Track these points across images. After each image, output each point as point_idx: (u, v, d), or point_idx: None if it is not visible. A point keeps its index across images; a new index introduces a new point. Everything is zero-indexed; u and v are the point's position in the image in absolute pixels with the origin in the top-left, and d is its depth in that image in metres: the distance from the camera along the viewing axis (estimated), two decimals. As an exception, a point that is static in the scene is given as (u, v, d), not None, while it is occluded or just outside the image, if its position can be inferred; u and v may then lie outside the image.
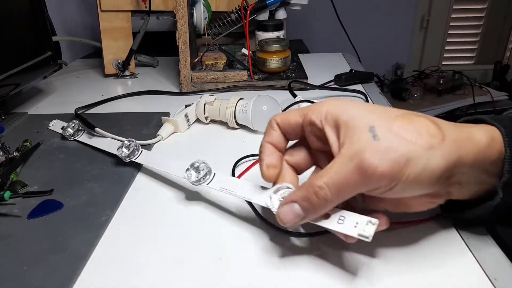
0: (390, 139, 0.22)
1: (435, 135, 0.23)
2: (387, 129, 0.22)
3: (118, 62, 0.67)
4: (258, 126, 0.45)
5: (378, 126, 0.23)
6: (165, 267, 0.27)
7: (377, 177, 0.21)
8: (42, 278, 0.25)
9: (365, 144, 0.22)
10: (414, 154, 0.22)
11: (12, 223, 0.31)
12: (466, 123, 0.26)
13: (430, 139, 0.22)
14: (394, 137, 0.22)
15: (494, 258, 0.26)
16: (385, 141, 0.22)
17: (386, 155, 0.21)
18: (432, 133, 0.23)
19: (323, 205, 0.23)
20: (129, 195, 0.35)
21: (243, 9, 0.64)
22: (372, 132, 0.22)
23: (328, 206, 0.23)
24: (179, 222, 0.31)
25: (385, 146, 0.22)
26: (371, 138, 0.22)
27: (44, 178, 0.37)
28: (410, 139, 0.22)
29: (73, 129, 0.44)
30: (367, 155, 0.22)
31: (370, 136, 0.22)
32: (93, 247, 0.28)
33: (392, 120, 0.23)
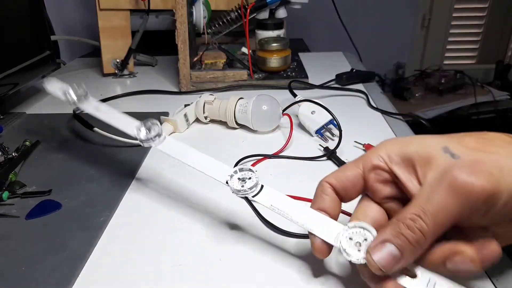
0: (471, 154, 0.20)
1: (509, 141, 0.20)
2: (462, 145, 0.20)
3: (117, 61, 0.67)
4: (258, 126, 0.45)
5: (451, 145, 0.21)
6: (164, 267, 0.26)
7: (476, 194, 0.19)
8: (41, 279, 0.25)
9: (447, 164, 0.20)
10: (505, 162, 0.19)
11: (10, 223, 0.31)
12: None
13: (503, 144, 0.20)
14: (474, 151, 0.20)
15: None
16: (467, 156, 0.20)
17: (477, 168, 0.19)
18: (509, 141, 0.21)
19: (421, 240, 0.19)
20: (128, 196, 0.35)
21: (243, 7, 0.63)
22: (448, 152, 0.20)
23: (428, 242, 0.20)
24: (178, 222, 0.31)
25: (470, 160, 0.20)
26: (451, 158, 0.20)
27: (42, 178, 0.37)
28: (492, 151, 0.20)
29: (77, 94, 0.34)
30: (457, 173, 0.19)
31: (448, 156, 0.20)
32: (92, 248, 0.28)
33: (461, 138, 0.21)
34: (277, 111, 0.44)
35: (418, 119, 0.51)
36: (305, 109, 0.45)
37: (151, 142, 0.30)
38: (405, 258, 0.20)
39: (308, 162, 0.39)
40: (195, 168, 0.28)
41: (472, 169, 0.19)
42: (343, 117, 0.44)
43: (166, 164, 0.40)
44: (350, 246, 0.21)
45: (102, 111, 0.33)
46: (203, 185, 0.36)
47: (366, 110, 0.52)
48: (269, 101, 0.44)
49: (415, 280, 0.20)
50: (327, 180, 0.24)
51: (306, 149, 0.42)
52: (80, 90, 0.34)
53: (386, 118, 0.49)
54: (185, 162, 0.29)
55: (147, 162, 0.40)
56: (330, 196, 0.24)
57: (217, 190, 0.35)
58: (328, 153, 0.40)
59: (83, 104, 0.34)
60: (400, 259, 0.20)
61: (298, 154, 0.40)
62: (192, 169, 0.38)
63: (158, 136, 0.30)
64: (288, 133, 0.43)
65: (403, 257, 0.20)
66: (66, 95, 0.33)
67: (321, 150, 0.41)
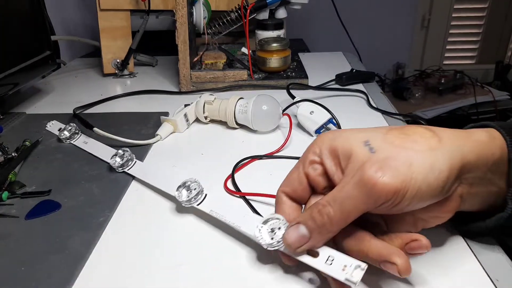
0: (387, 149, 0.22)
1: (431, 137, 0.22)
2: (382, 140, 0.22)
3: (117, 62, 0.67)
4: (258, 126, 0.45)
5: (372, 139, 0.23)
6: (164, 267, 0.26)
7: (379, 190, 0.20)
8: (40, 279, 0.25)
9: (363, 158, 0.22)
10: (415, 158, 0.21)
11: (10, 223, 0.31)
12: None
13: (428, 142, 0.22)
14: (391, 146, 0.22)
15: (496, 259, 0.26)
16: (383, 151, 0.22)
17: (386, 164, 0.21)
18: (428, 136, 0.22)
19: (327, 224, 0.22)
20: (127, 196, 0.34)
21: (243, 8, 0.63)
22: (367, 146, 0.22)
23: (334, 227, 0.22)
24: (178, 222, 0.31)
25: (384, 156, 0.21)
26: (368, 152, 0.22)
27: (42, 179, 0.37)
28: (407, 146, 0.22)
29: (69, 132, 0.44)
30: (367, 168, 0.21)
31: (366, 150, 0.22)
32: (92, 248, 0.28)
33: (385, 132, 0.23)
34: (277, 111, 0.44)
35: (418, 119, 0.51)
36: (304, 110, 0.45)
37: (125, 168, 0.37)
38: (313, 238, 0.22)
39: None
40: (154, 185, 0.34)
41: (381, 165, 0.21)
42: (343, 117, 0.44)
43: (166, 164, 0.40)
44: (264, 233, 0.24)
45: (88, 144, 0.42)
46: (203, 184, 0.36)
47: (366, 110, 0.52)
48: (269, 101, 0.44)
49: (317, 258, 0.23)
50: (281, 190, 0.26)
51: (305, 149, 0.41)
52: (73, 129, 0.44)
53: (386, 118, 0.49)
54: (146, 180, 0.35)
55: (147, 162, 0.40)
56: (287, 204, 0.25)
57: (217, 190, 0.35)
58: None
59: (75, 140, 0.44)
60: (308, 239, 0.22)
61: (298, 154, 0.40)
62: (192, 169, 0.39)
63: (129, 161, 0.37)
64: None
65: (311, 237, 0.22)
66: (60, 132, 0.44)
67: None
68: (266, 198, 0.32)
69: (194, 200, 0.30)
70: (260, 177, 0.36)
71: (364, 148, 0.22)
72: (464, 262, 0.26)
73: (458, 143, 0.22)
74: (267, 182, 0.35)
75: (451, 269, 0.26)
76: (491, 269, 0.25)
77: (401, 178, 0.20)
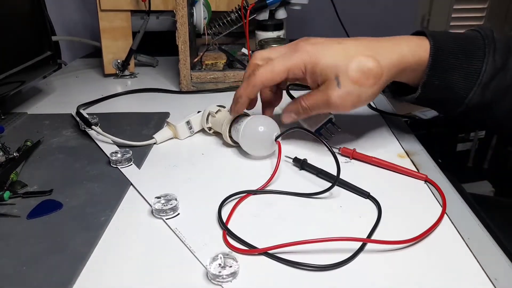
0: (348, 86, 0.34)
1: (378, 73, 0.34)
2: (346, 77, 0.34)
3: (117, 62, 0.67)
4: (249, 149, 0.39)
5: (341, 75, 0.34)
6: (165, 267, 0.27)
7: (339, 109, 0.36)
8: (42, 278, 0.25)
9: (332, 89, 0.35)
10: (363, 93, 0.35)
11: (11, 223, 0.31)
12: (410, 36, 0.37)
13: (374, 80, 0.34)
14: (351, 84, 0.34)
15: (494, 258, 0.26)
16: (345, 87, 0.34)
17: (346, 98, 0.35)
18: (375, 72, 0.34)
19: (302, 111, 0.38)
20: (128, 195, 0.35)
21: (243, 8, 0.63)
22: (337, 80, 0.34)
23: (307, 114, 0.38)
24: (179, 222, 0.31)
25: (345, 91, 0.34)
26: (336, 85, 0.35)
27: (43, 178, 0.37)
28: (361, 83, 0.34)
29: (92, 118, 0.46)
30: (333, 98, 0.35)
31: (335, 83, 0.35)
32: (93, 247, 0.28)
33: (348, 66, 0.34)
34: (272, 135, 0.38)
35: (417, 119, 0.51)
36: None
37: (118, 165, 0.39)
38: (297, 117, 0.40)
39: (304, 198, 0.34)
40: (137, 187, 0.36)
41: (343, 98, 0.35)
42: (342, 117, 0.44)
43: (166, 165, 0.40)
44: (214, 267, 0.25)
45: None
46: (203, 184, 0.36)
47: (365, 110, 0.52)
48: (265, 123, 0.38)
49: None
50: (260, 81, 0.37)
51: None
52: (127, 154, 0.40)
53: (385, 118, 0.49)
54: (131, 181, 0.36)
55: (148, 162, 0.40)
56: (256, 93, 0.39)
57: (217, 189, 0.35)
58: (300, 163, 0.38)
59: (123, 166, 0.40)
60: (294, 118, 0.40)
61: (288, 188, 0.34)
62: (191, 170, 0.39)
63: (126, 161, 0.39)
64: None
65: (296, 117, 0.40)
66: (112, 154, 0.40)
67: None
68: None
69: (164, 213, 0.31)
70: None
71: (335, 81, 0.34)
72: (463, 261, 0.26)
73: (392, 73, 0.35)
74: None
75: (449, 268, 0.26)
76: (490, 268, 0.25)
77: (352, 104, 0.35)
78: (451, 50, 0.35)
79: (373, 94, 0.35)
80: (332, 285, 0.25)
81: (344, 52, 0.35)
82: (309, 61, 0.35)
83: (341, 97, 0.34)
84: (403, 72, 0.36)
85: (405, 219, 0.31)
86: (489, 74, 0.34)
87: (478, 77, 0.34)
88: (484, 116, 0.37)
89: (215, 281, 0.25)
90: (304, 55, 0.35)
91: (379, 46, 0.35)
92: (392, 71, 0.35)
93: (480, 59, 0.34)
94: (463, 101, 0.35)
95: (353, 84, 0.34)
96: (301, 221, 0.31)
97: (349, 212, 0.32)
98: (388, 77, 0.35)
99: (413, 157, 0.40)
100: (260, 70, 0.36)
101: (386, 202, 0.32)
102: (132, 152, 0.39)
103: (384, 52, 0.35)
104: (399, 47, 0.35)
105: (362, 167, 0.38)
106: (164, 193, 0.33)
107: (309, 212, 0.32)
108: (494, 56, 0.34)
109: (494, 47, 0.34)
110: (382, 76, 0.35)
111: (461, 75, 0.35)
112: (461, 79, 0.35)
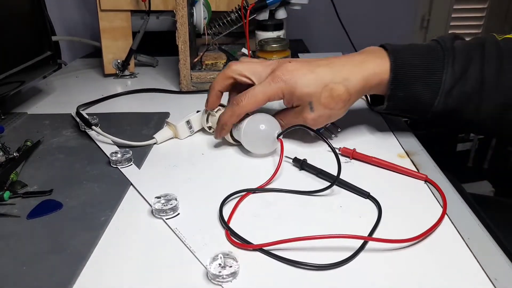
0: (320, 110, 0.39)
1: (346, 99, 0.39)
2: (318, 102, 0.38)
3: (117, 62, 0.67)
4: (250, 147, 0.40)
5: (314, 101, 0.38)
6: (165, 267, 0.27)
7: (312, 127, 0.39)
8: (42, 278, 0.25)
9: (306, 113, 0.39)
10: (333, 114, 0.39)
11: (11, 223, 0.31)
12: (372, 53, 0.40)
13: (343, 104, 0.39)
14: (322, 107, 0.38)
15: (494, 258, 0.26)
16: (318, 111, 0.39)
17: (318, 119, 0.39)
18: (344, 99, 0.39)
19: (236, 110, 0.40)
20: (128, 195, 0.35)
21: (243, 8, 0.63)
22: (310, 105, 0.39)
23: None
24: (179, 222, 0.31)
25: (317, 114, 0.39)
26: (309, 110, 0.39)
27: (43, 178, 0.37)
28: (331, 107, 0.39)
29: (93, 119, 0.47)
30: (308, 120, 0.39)
31: (309, 108, 0.39)
32: (93, 247, 0.28)
33: (321, 93, 0.38)
34: (274, 133, 0.38)
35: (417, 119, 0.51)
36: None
37: (118, 165, 0.39)
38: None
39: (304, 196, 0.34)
40: (136, 187, 0.36)
41: (316, 120, 0.39)
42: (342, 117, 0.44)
43: (166, 164, 0.40)
44: (214, 266, 0.25)
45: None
46: (203, 184, 0.36)
47: (365, 111, 0.52)
48: (266, 121, 0.39)
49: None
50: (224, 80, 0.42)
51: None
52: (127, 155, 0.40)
53: (385, 118, 0.49)
54: (130, 181, 0.37)
55: (148, 162, 0.40)
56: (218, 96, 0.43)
57: (217, 189, 0.35)
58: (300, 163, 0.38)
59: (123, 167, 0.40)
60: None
61: (289, 186, 0.35)
62: (191, 169, 0.39)
63: (126, 161, 0.39)
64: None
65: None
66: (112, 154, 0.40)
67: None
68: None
69: (164, 213, 0.31)
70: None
71: (308, 106, 0.39)
72: (463, 261, 0.26)
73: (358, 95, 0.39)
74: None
75: (449, 268, 0.26)
76: (490, 268, 0.25)
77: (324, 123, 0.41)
78: (411, 63, 0.38)
79: (342, 114, 0.40)
80: (333, 284, 0.25)
81: (316, 81, 0.38)
82: (286, 89, 0.38)
83: (314, 119, 0.39)
84: (370, 89, 0.40)
85: (405, 219, 0.31)
86: (449, 84, 0.37)
87: (440, 86, 0.37)
88: (453, 121, 0.40)
89: (215, 281, 0.25)
90: (281, 84, 0.38)
91: (347, 72, 0.38)
92: (359, 92, 0.39)
93: (439, 70, 0.37)
94: (430, 109, 0.38)
95: (324, 108, 0.38)
96: (301, 220, 0.31)
97: (349, 212, 0.32)
98: (356, 98, 0.39)
99: (413, 157, 0.40)
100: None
101: (386, 202, 0.32)
102: (132, 152, 0.40)
103: (352, 78, 0.38)
104: (366, 70, 0.38)
105: (362, 167, 0.38)
106: (164, 193, 0.33)
107: (309, 211, 0.32)
108: (453, 66, 0.37)
109: (453, 57, 0.37)
110: (350, 99, 0.39)
111: (423, 86, 0.38)
112: (424, 89, 0.38)
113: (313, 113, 0.38)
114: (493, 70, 0.36)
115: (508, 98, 0.36)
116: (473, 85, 0.36)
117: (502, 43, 0.38)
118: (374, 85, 0.39)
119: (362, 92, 0.39)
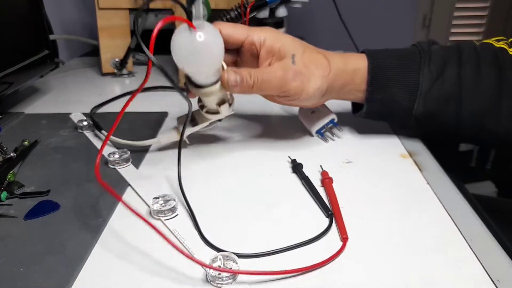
0: (301, 66, 0.36)
1: (326, 67, 0.37)
2: (301, 58, 0.36)
3: (116, 61, 0.66)
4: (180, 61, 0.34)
5: (296, 55, 0.36)
6: (163, 269, 0.26)
7: (289, 87, 0.36)
8: (39, 280, 0.25)
9: (287, 64, 0.36)
10: (311, 79, 0.36)
11: (8, 224, 0.31)
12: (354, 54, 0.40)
13: (323, 71, 0.37)
14: (304, 64, 0.36)
15: (497, 260, 0.26)
16: (298, 66, 0.36)
17: (298, 75, 0.36)
18: (325, 66, 0.37)
19: (247, 87, 0.35)
20: (126, 196, 0.34)
21: (243, 6, 0.63)
22: (292, 58, 0.36)
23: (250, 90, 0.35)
24: (179, 222, 0.31)
25: (298, 69, 0.36)
26: (291, 62, 0.36)
27: (41, 179, 0.37)
28: (311, 68, 0.37)
29: (88, 123, 0.46)
30: (289, 74, 0.36)
31: (291, 61, 0.36)
32: (91, 249, 0.28)
33: (304, 51, 0.37)
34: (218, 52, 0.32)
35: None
36: (305, 109, 0.45)
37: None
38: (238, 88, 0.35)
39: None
40: (134, 187, 0.35)
41: (296, 75, 0.36)
42: (343, 117, 0.44)
43: (164, 166, 0.39)
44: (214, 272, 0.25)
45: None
46: (203, 184, 0.36)
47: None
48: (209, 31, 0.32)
49: None
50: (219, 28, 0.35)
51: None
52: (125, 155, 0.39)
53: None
54: (128, 181, 0.36)
55: (146, 162, 0.40)
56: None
57: (216, 188, 0.35)
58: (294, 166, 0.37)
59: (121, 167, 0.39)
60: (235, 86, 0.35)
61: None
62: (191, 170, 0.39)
63: (124, 161, 0.39)
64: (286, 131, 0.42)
65: (238, 86, 0.35)
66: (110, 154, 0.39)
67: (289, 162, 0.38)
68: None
69: (163, 214, 0.31)
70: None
71: (290, 59, 0.36)
72: (465, 263, 0.26)
73: (337, 75, 0.38)
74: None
75: (452, 270, 0.26)
76: (492, 270, 0.25)
77: (302, 86, 0.36)
78: (389, 66, 0.38)
79: (318, 87, 0.37)
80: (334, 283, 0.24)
81: (301, 43, 0.38)
82: (270, 36, 0.37)
83: (294, 74, 0.36)
84: (346, 86, 0.39)
85: (405, 220, 0.30)
86: (427, 85, 0.37)
87: (418, 87, 0.37)
88: (435, 126, 0.39)
89: (215, 283, 0.24)
90: (268, 31, 0.37)
91: (330, 54, 0.39)
92: (337, 75, 0.38)
93: (416, 71, 0.37)
94: (411, 113, 0.38)
95: (305, 67, 0.36)
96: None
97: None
98: (333, 80, 0.38)
99: (415, 157, 0.40)
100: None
101: (386, 205, 0.32)
102: (130, 153, 0.39)
103: (333, 59, 0.38)
104: (346, 58, 0.39)
105: (362, 168, 0.38)
106: (163, 193, 0.32)
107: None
108: (429, 67, 0.37)
109: (429, 59, 0.37)
110: (329, 73, 0.37)
111: (401, 88, 0.38)
112: (403, 91, 0.38)
113: (294, 66, 0.36)
114: (469, 75, 0.36)
115: (485, 105, 0.36)
116: (451, 87, 0.37)
117: (480, 48, 0.38)
118: (351, 83, 0.38)
119: (339, 77, 0.38)
